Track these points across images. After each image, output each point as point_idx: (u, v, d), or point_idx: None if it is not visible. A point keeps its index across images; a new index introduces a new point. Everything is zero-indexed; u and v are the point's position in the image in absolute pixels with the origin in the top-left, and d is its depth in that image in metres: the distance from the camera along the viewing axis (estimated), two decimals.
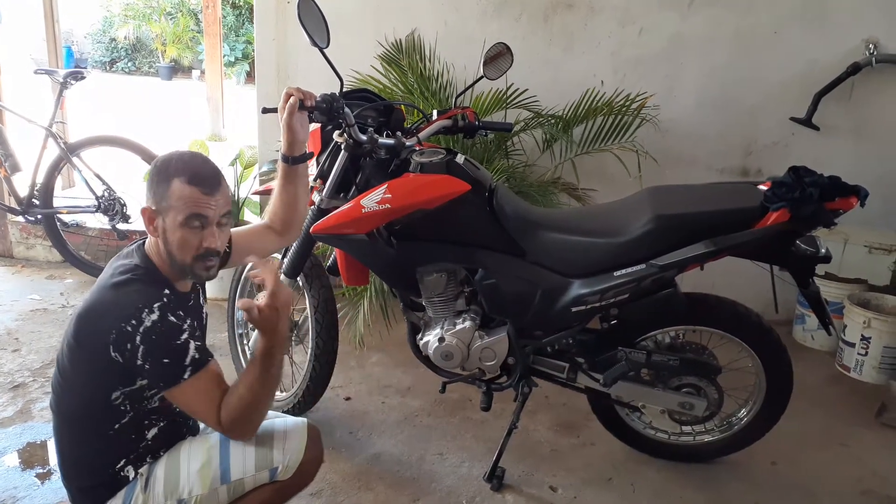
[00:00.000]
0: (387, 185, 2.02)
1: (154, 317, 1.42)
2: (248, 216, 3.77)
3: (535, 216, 2.17)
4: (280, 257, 2.39)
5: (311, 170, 2.08)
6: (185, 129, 7.85)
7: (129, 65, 14.32)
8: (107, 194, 3.70)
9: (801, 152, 3.37)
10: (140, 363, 1.42)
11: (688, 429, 2.37)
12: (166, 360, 1.43)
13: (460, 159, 2.09)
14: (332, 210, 2.11)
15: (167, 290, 1.50)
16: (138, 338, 1.40)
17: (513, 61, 2.39)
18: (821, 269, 3.01)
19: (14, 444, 2.39)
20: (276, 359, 1.48)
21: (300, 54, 3.61)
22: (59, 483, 1.99)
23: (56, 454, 1.61)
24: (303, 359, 2.52)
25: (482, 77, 2.38)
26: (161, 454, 1.60)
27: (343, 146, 2.09)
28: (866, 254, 3.22)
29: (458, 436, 2.54)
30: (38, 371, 2.85)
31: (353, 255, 2.18)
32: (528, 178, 3.27)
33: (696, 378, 2.16)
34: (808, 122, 3.43)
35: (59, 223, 3.79)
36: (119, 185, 3.77)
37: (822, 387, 3.03)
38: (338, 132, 2.07)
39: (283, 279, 2.34)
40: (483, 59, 2.37)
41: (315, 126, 2.17)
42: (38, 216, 3.76)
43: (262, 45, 3.73)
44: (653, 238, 1.97)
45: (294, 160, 1.83)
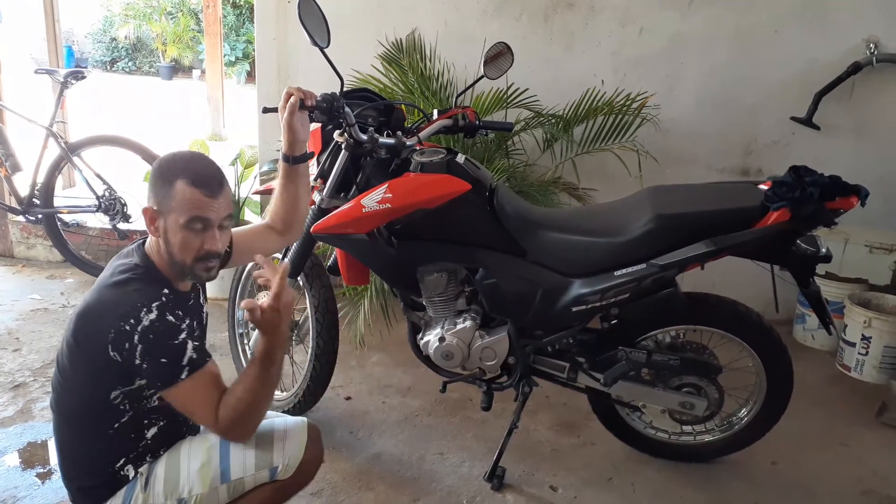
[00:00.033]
0: (387, 185, 2.02)
1: (152, 316, 1.42)
2: (249, 216, 3.78)
3: (535, 216, 2.17)
4: (281, 257, 2.39)
5: (311, 169, 2.08)
6: (185, 128, 7.85)
7: (130, 64, 14.33)
8: (107, 194, 3.70)
9: (802, 152, 3.37)
10: (138, 363, 1.42)
11: (688, 428, 2.37)
12: (163, 360, 1.43)
13: (461, 159, 2.09)
14: (333, 210, 2.11)
15: (166, 290, 1.50)
16: (136, 337, 1.40)
17: (513, 61, 2.39)
18: (821, 268, 3.01)
19: (15, 443, 2.39)
20: (276, 360, 1.48)
21: (301, 54, 3.61)
22: (59, 483, 1.99)
23: (56, 453, 1.61)
24: (303, 358, 2.52)
25: (482, 76, 2.38)
26: (161, 453, 1.60)
27: (343, 146, 2.09)
28: (867, 253, 3.22)
29: (458, 435, 2.54)
30: (38, 371, 2.86)
31: (354, 255, 2.18)
32: (528, 178, 3.27)
33: (696, 378, 2.16)
34: (808, 122, 3.43)
35: (59, 223, 3.79)
36: (120, 185, 3.77)
37: (822, 386, 3.03)
38: (338, 132, 2.07)
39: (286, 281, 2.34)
40: (483, 59, 2.37)
41: (315, 126, 2.17)
42: (39, 216, 3.76)
43: (263, 44, 3.73)
44: (653, 238, 1.97)
45: (295, 160, 1.83)
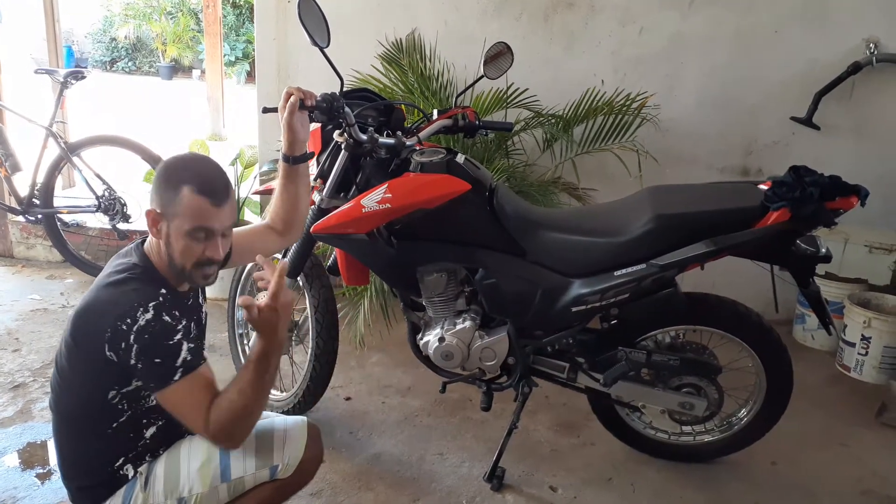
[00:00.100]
0: (387, 185, 2.02)
1: (148, 316, 1.41)
2: (249, 216, 3.78)
3: (535, 216, 2.17)
4: (280, 257, 2.38)
5: (311, 169, 2.08)
6: (185, 128, 7.85)
7: (130, 64, 14.33)
8: (107, 194, 3.69)
9: (802, 152, 3.37)
10: (133, 363, 1.41)
11: (688, 429, 2.37)
12: (158, 360, 1.41)
13: (460, 159, 2.09)
14: (333, 210, 2.11)
15: (164, 290, 1.49)
16: (132, 337, 1.39)
17: (513, 61, 2.39)
18: (821, 268, 3.01)
19: (14, 444, 2.39)
20: (272, 364, 1.46)
21: (300, 54, 3.61)
22: (59, 483, 1.99)
23: (56, 453, 1.61)
24: (303, 359, 2.51)
25: (482, 76, 2.38)
26: (160, 453, 1.60)
27: (343, 146, 2.09)
28: (867, 253, 3.22)
29: (458, 436, 2.54)
30: (38, 371, 2.85)
31: (354, 255, 2.18)
32: (528, 178, 3.26)
33: (696, 378, 2.16)
34: (808, 122, 3.43)
35: (59, 223, 3.79)
36: (119, 185, 3.77)
37: (822, 387, 3.03)
38: (338, 132, 2.07)
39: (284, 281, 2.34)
40: (483, 59, 2.37)
41: (315, 126, 2.17)
42: (39, 216, 3.76)
43: (263, 44, 3.73)
44: (653, 238, 1.96)
45: (295, 160, 1.82)
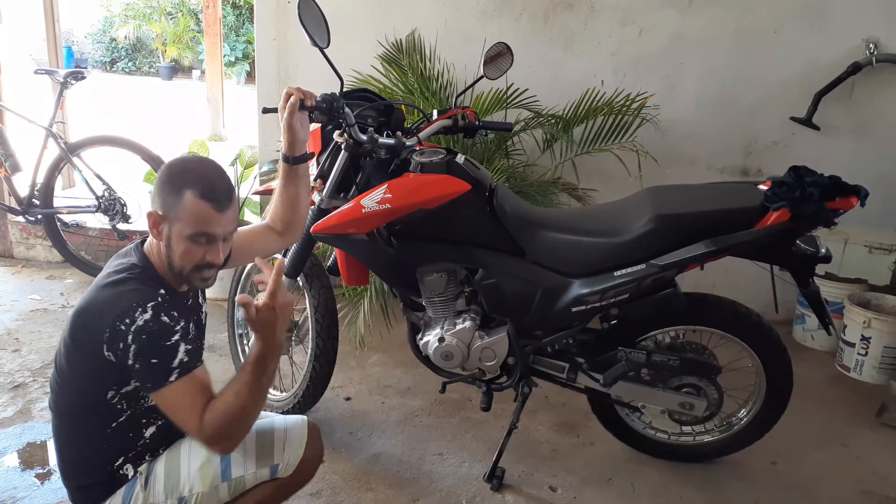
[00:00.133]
0: (387, 185, 2.02)
1: (147, 316, 1.40)
2: (248, 216, 3.78)
3: (535, 216, 2.17)
4: (280, 257, 2.38)
5: (311, 170, 2.08)
6: (185, 129, 7.85)
7: (130, 65, 14.33)
8: (107, 194, 3.69)
9: (802, 152, 3.38)
10: (131, 363, 1.41)
11: (688, 429, 2.37)
12: (154, 361, 1.41)
13: (460, 159, 2.09)
14: (333, 210, 2.11)
15: (163, 291, 1.49)
16: (130, 337, 1.39)
17: (513, 61, 2.39)
18: (821, 268, 3.01)
19: (14, 444, 2.39)
20: (270, 366, 1.44)
21: (300, 54, 3.61)
22: (58, 483, 1.99)
23: (55, 453, 1.61)
24: (303, 359, 2.51)
25: (482, 77, 2.38)
26: (160, 452, 1.60)
27: (343, 146, 2.09)
28: (866, 253, 3.22)
29: (458, 436, 2.54)
30: (38, 371, 2.85)
31: (354, 255, 2.18)
32: (528, 178, 3.26)
33: (696, 378, 2.16)
34: (808, 122, 3.43)
35: (59, 223, 3.79)
36: (119, 185, 3.77)
37: (822, 387, 3.03)
38: (338, 132, 2.07)
39: (284, 280, 2.34)
40: (483, 59, 2.37)
41: (315, 126, 2.17)
42: (39, 216, 3.76)
43: (263, 44, 3.73)
44: (653, 238, 1.97)
45: (295, 160, 1.82)
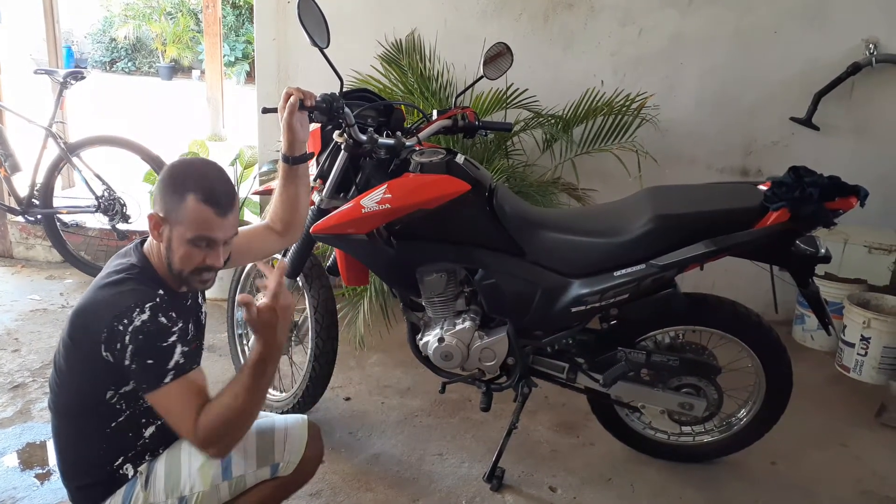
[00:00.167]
0: (387, 185, 2.02)
1: (144, 317, 1.40)
2: (248, 216, 3.78)
3: (535, 216, 2.17)
4: (280, 257, 2.38)
5: (311, 170, 2.08)
6: (185, 129, 7.85)
7: (129, 65, 14.33)
8: (107, 194, 3.69)
9: (801, 152, 3.38)
10: (127, 363, 1.40)
11: (687, 429, 2.37)
12: (150, 362, 1.40)
13: (460, 159, 2.09)
14: (332, 210, 2.11)
15: (161, 291, 1.48)
16: (127, 337, 1.39)
17: (513, 61, 2.39)
18: (820, 269, 3.01)
19: (14, 444, 2.39)
20: (269, 369, 1.43)
21: (300, 54, 3.61)
22: (58, 483, 1.99)
23: (55, 453, 1.60)
24: (302, 359, 2.51)
25: (482, 77, 2.38)
26: (160, 452, 1.60)
27: (343, 146, 2.09)
28: (866, 254, 3.22)
29: (457, 436, 2.54)
30: (37, 371, 2.85)
31: (353, 256, 2.18)
32: (528, 178, 3.26)
33: (695, 378, 2.16)
34: (808, 122, 3.43)
35: (58, 223, 3.79)
36: (119, 186, 3.77)
37: (821, 387, 3.03)
38: (338, 132, 2.07)
39: (285, 281, 2.34)
40: (483, 59, 2.37)
41: (315, 126, 2.17)
42: (38, 216, 3.76)
43: (263, 44, 3.73)
44: (653, 238, 1.97)
45: (294, 160, 1.82)
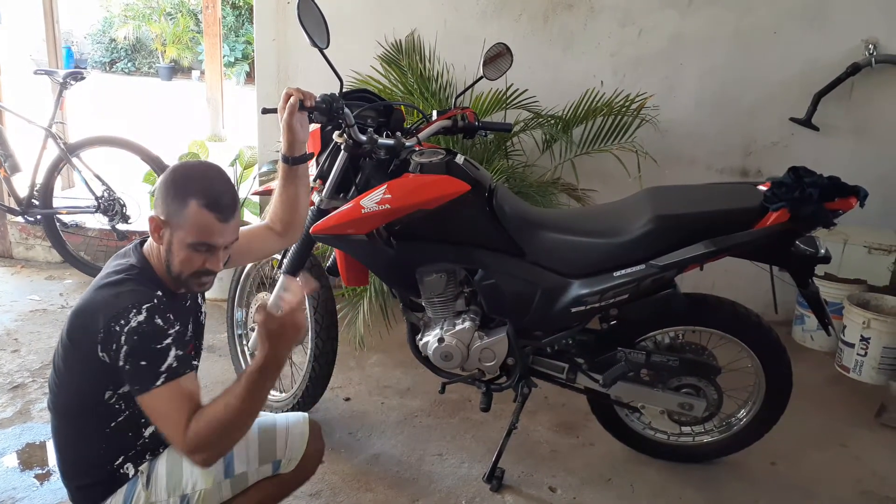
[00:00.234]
0: (386, 186, 2.02)
1: (140, 318, 1.40)
2: (248, 216, 3.77)
3: (534, 216, 2.17)
4: (280, 258, 2.39)
5: (311, 170, 2.08)
6: (184, 129, 7.84)
7: (129, 65, 14.31)
8: (106, 195, 3.69)
9: (801, 152, 3.38)
10: (121, 364, 1.40)
11: (687, 429, 2.37)
12: (143, 363, 1.39)
13: (460, 160, 2.09)
14: (332, 210, 2.11)
15: (160, 292, 1.48)
16: (123, 338, 1.39)
17: (512, 61, 2.39)
18: (820, 269, 3.02)
19: (13, 444, 2.39)
20: (266, 382, 1.40)
21: (300, 55, 3.61)
22: (58, 484, 1.99)
23: (55, 453, 1.60)
24: (302, 359, 2.51)
25: (482, 77, 2.38)
26: (161, 451, 1.60)
27: (343, 146, 2.09)
28: (866, 254, 3.22)
29: (457, 436, 2.54)
30: (37, 372, 2.85)
31: (353, 256, 2.18)
32: (527, 179, 3.26)
33: (695, 378, 2.16)
34: (807, 123, 3.43)
35: (58, 223, 3.79)
36: (119, 186, 3.77)
37: (821, 387, 3.03)
38: (337, 132, 2.07)
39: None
40: (483, 60, 2.37)
41: (315, 126, 2.17)
42: (38, 216, 3.76)
43: (262, 45, 3.73)
44: (652, 238, 1.97)
45: (294, 160, 1.82)
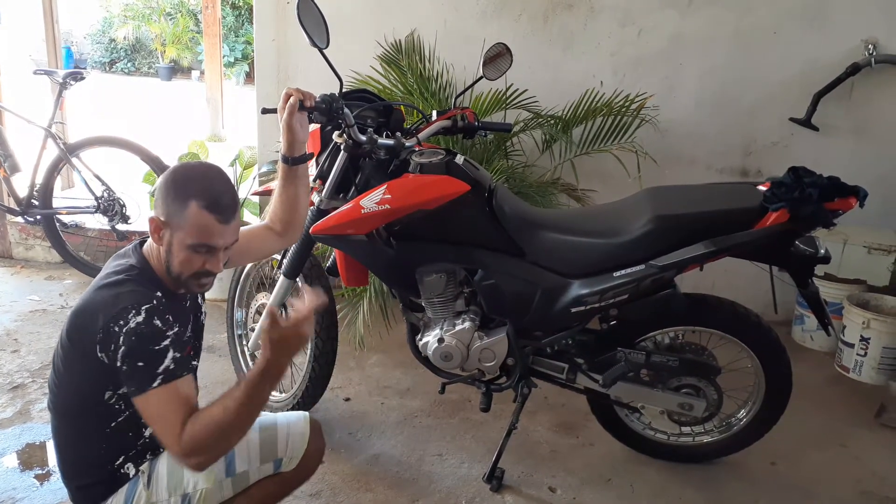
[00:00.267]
0: (386, 186, 2.02)
1: (139, 318, 1.39)
2: (248, 216, 3.77)
3: (534, 216, 2.17)
4: (280, 258, 2.39)
5: (310, 170, 2.08)
6: (184, 129, 7.84)
7: (129, 65, 14.31)
8: (106, 195, 3.69)
9: (801, 152, 3.38)
10: (119, 364, 1.39)
11: (687, 429, 2.37)
12: (140, 364, 1.38)
13: (460, 160, 2.09)
14: (332, 211, 2.11)
15: (159, 293, 1.48)
16: (121, 339, 1.38)
17: (512, 61, 2.39)
18: (820, 269, 3.01)
19: (13, 445, 2.39)
20: (265, 388, 1.38)
21: (300, 55, 3.61)
22: (58, 484, 1.99)
23: (55, 453, 1.60)
24: (302, 360, 2.51)
25: (482, 77, 2.38)
26: (161, 450, 1.59)
27: (342, 147, 2.09)
28: (865, 254, 3.22)
29: (457, 436, 2.54)
30: (36, 372, 2.85)
31: (353, 256, 2.18)
32: (527, 179, 3.26)
33: (695, 379, 2.16)
34: (807, 123, 3.43)
35: (58, 224, 3.79)
36: (118, 186, 3.76)
37: (821, 387, 3.03)
38: (337, 133, 2.07)
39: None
40: (482, 60, 2.37)
41: (315, 126, 2.17)
42: (38, 217, 3.76)
43: (262, 45, 3.73)
44: (652, 238, 1.97)
45: (294, 161, 1.82)
